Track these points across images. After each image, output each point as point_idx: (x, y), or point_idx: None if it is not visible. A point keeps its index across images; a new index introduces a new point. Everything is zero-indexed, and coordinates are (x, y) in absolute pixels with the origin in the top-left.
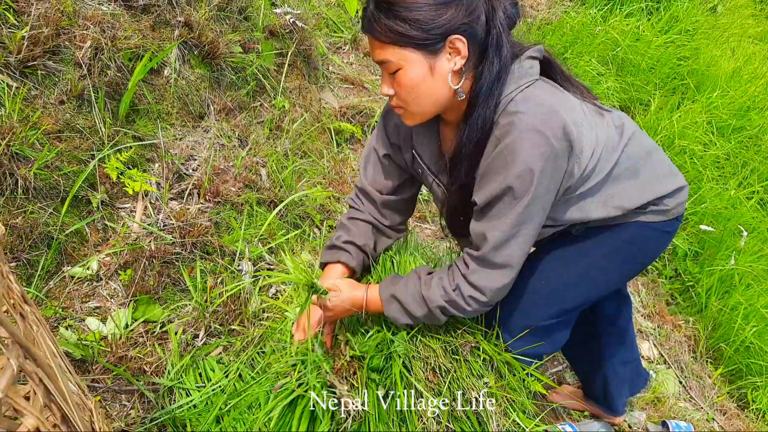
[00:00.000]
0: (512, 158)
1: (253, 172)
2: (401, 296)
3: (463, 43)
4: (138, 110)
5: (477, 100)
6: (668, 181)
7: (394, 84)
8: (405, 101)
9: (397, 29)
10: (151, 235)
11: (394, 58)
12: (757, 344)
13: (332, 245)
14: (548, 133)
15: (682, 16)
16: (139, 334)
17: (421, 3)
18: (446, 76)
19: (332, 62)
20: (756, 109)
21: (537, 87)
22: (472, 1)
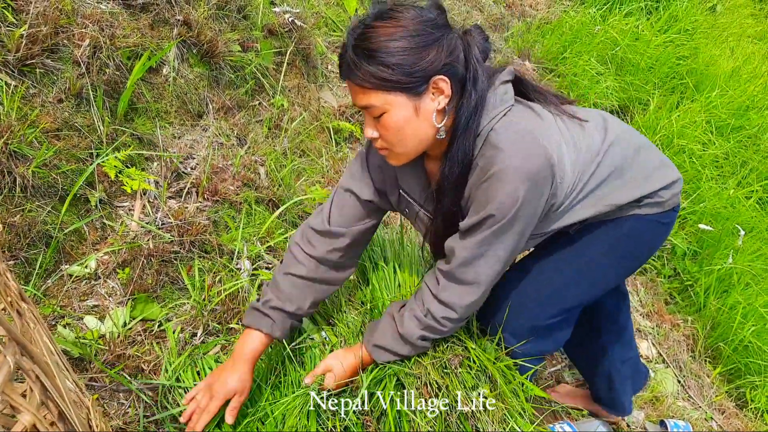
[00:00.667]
0: (495, 189)
1: (252, 170)
2: (383, 343)
3: (446, 83)
4: (137, 109)
5: (456, 134)
6: (660, 175)
7: (379, 127)
8: (391, 143)
9: (380, 75)
10: (150, 233)
11: (379, 103)
12: (755, 343)
13: (256, 308)
14: (530, 163)
15: (681, 15)
16: (137, 333)
17: (403, 47)
18: (431, 115)
19: (331, 61)
20: (755, 108)
21: (514, 114)
22: (451, 41)
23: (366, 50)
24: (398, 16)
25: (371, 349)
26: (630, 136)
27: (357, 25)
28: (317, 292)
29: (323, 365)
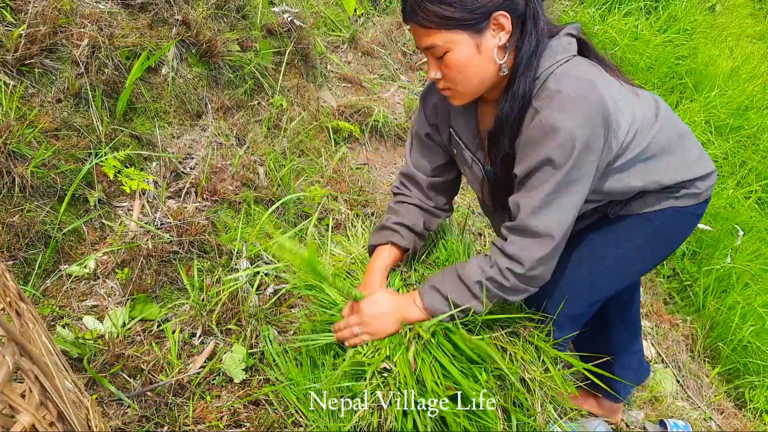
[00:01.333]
0: (552, 130)
1: (251, 170)
2: (441, 286)
3: (507, 18)
4: (135, 109)
5: (517, 73)
6: (700, 165)
7: (442, 67)
8: (454, 82)
9: (442, 13)
10: (149, 233)
11: (442, 42)
12: (754, 343)
13: (382, 226)
14: (587, 106)
15: (680, 15)
16: (136, 333)
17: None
18: (492, 52)
19: (330, 61)
20: (754, 108)
21: (575, 62)
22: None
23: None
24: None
25: (424, 290)
26: (676, 122)
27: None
28: (429, 217)
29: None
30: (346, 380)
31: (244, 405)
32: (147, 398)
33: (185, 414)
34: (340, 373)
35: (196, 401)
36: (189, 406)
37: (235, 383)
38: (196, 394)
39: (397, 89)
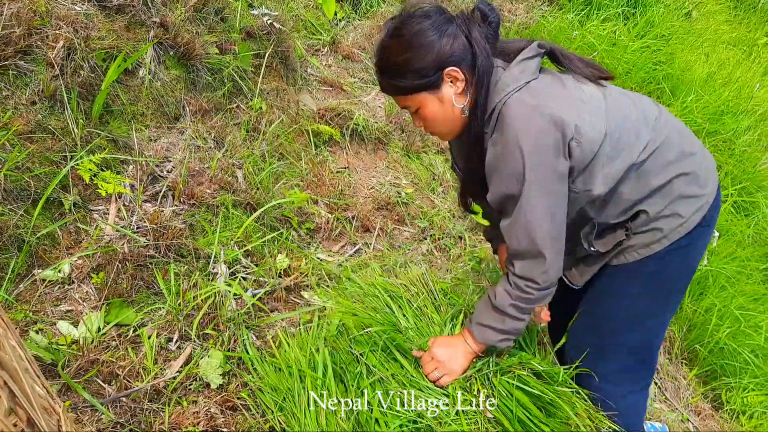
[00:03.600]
0: (503, 158)
1: (230, 174)
2: (484, 320)
3: (456, 71)
4: (112, 111)
5: (473, 113)
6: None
7: (419, 119)
8: (431, 129)
9: (399, 85)
10: (125, 237)
11: (411, 103)
12: (731, 345)
13: (492, 239)
14: (533, 129)
15: (657, 21)
16: (111, 338)
17: (408, 58)
18: (452, 100)
19: (310, 64)
20: (729, 113)
21: (530, 88)
22: (448, 31)
23: (384, 68)
24: (400, 32)
25: (475, 330)
26: (679, 132)
27: (378, 46)
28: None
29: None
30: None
31: (221, 410)
32: (122, 404)
33: (161, 420)
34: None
35: (172, 407)
36: (165, 411)
37: (212, 388)
38: (172, 400)
39: (377, 93)
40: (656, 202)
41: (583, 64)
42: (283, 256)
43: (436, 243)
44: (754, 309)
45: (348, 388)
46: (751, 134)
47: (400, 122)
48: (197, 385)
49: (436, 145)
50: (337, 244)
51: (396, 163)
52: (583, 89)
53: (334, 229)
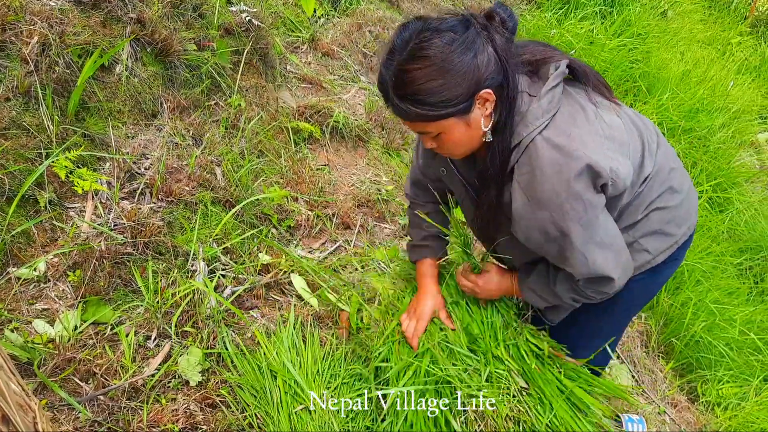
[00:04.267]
0: (538, 206)
1: (208, 171)
2: (537, 290)
3: (490, 92)
4: (88, 108)
5: (497, 138)
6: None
7: (437, 142)
8: (448, 151)
9: (429, 113)
10: (102, 235)
11: (434, 129)
12: (706, 338)
13: (414, 245)
14: (568, 177)
15: (634, 20)
16: (88, 336)
17: (441, 84)
18: (480, 122)
19: (290, 61)
20: (704, 111)
21: (557, 122)
22: (479, 47)
23: (408, 95)
24: (426, 53)
25: (523, 288)
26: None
27: (388, 63)
28: (444, 218)
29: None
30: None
31: (200, 407)
32: (100, 402)
33: (139, 418)
34: None
35: (151, 404)
36: (143, 409)
37: (191, 386)
38: (150, 398)
39: (357, 90)
40: (629, 234)
41: (599, 82)
42: (262, 253)
43: None
44: (728, 303)
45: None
46: (725, 131)
47: (380, 120)
48: (176, 382)
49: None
50: (317, 241)
51: (376, 161)
52: (604, 119)
53: (314, 226)
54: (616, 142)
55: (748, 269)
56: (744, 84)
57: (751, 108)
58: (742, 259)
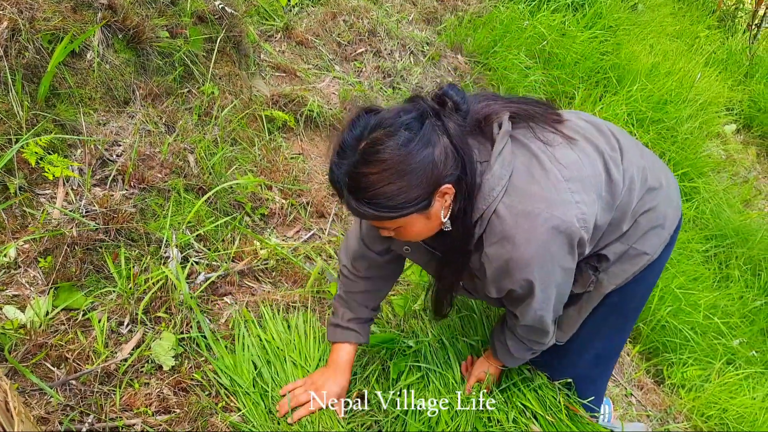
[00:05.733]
0: (508, 275)
1: (181, 158)
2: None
3: (449, 187)
4: (59, 94)
5: (457, 223)
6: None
7: (396, 233)
8: (407, 239)
9: (387, 215)
10: (73, 221)
11: (393, 226)
12: (672, 323)
13: (338, 324)
14: (536, 242)
15: (605, 12)
16: (60, 322)
17: (399, 187)
18: (440, 214)
19: (264, 50)
20: (672, 102)
21: (514, 186)
22: (434, 141)
23: (364, 198)
24: (381, 156)
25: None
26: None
27: (339, 163)
28: (378, 297)
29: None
30: None
31: (173, 392)
32: (72, 387)
33: (112, 402)
34: None
35: (124, 389)
36: (116, 393)
37: (164, 370)
38: (123, 382)
39: (332, 80)
40: (623, 243)
41: (540, 107)
42: (236, 240)
43: None
44: (694, 288)
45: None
46: (692, 122)
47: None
48: (149, 367)
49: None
50: (291, 230)
51: None
52: (560, 160)
53: (288, 214)
54: (576, 181)
55: (713, 256)
56: (711, 76)
57: (717, 100)
58: (707, 246)
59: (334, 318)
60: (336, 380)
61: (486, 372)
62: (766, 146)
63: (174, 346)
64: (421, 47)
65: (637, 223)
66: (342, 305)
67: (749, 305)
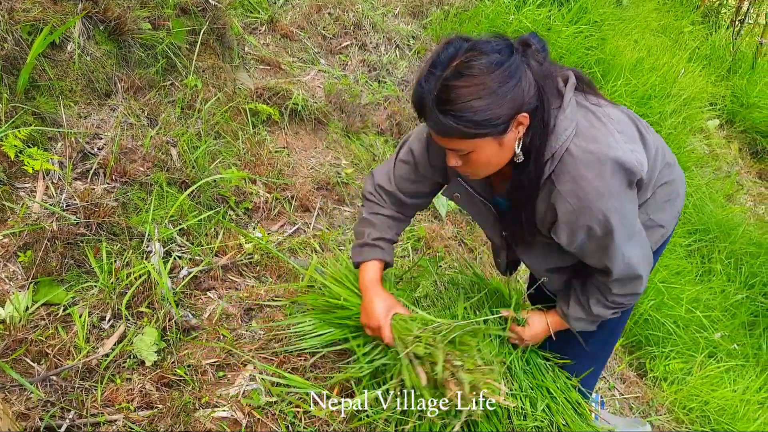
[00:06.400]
0: (583, 213)
1: (163, 151)
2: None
3: (526, 116)
4: (39, 87)
5: (529, 157)
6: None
7: (464, 160)
8: (474, 171)
9: (469, 130)
10: (54, 215)
11: (467, 147)
12: (654, 317)
13: (364, 243)
14: (607, 177)
15: (590, 7)
16: (40, 317)
17: (487, 104)
18: (513, 145)
19: (248, 43)
20: (656, 97)
21: (581, 129)
22: (524, 78)
23: (451, 110)
24: (473, 71)
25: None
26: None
27: (429, 78)
28: (399, 227)
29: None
30: None
31: (156, 387)
32: (52, 383)
33: (93, 397)
34: None
35: (105, 384)
36: (97, 389)
37: (146, 366)
38: (105, 377)
39: (317, 73)
40: (643, 212)
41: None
42: (220, 235)
43: None
44: (676, 282)
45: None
46: (676, 117)
47: (340, 103)
48: (131, 362)
49: (375, 126)
50: (275, 224)
51: (336, 144)
52: (611, 116)
53: (272, 208)
54: (627, 135)
55: (696, 250)
56: (694, 72)
57: (700, 95)
58: (690, 241)
59: (358, 239)
60: (377, 300)
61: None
62: (748, 141)
63: (156, 341)
64: (406, 41)
65: (655, 194)
66: (366, 226)
67: (731, 299)
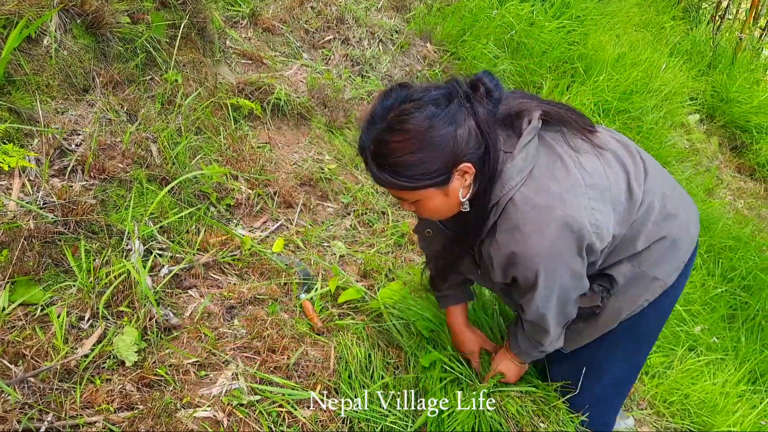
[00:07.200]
0: (515, 265)
1: (143, 148)
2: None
3: (470, 166)
4: (14, 82)
5: (475, 205)
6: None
7: (415, 206)
8: (431, 216)
9: (407, 184)
10: (30, 213)
11: (411, 198)
12: None
13: (441, 296)
14: (547, 236)
15: (572, 2)
16: (17, 318)
17: (421, 158)
18: (458, 193)
19: (229, 37)
20: (638, 92)
21: (534, 179)
22: (460, 120)
23: (386, 165)
24: (406, 126)
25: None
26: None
27: (368, 130)
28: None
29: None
30: None
31: (137, 387)
32: (30, 384)
33: (72, 399)
34: None
35: (85, 386)
36: (77, 390)
37: (127, 366)
38: (84, 378)
39: (299, 67)
40: (633, 265)
41: (574, 114)
42: (201, 232)
43: (359, 218)
44: None
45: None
46: (657, 112)
47: (323, 97)
48: (111, 363)
49: (359, 121)
50: (258, 220)
51: (319, 139)
52: (584, 166)
53: (255, 205)
54: (597, 189)
55: None
56: (675, 67)
57: (681, 90)
58: None
59: (435, 294)
60: (468, 336)
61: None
62: (728, 136)
63: (137, 340)
64: (390, 35)
65: (650, 249)
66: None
67: (711, 292)
